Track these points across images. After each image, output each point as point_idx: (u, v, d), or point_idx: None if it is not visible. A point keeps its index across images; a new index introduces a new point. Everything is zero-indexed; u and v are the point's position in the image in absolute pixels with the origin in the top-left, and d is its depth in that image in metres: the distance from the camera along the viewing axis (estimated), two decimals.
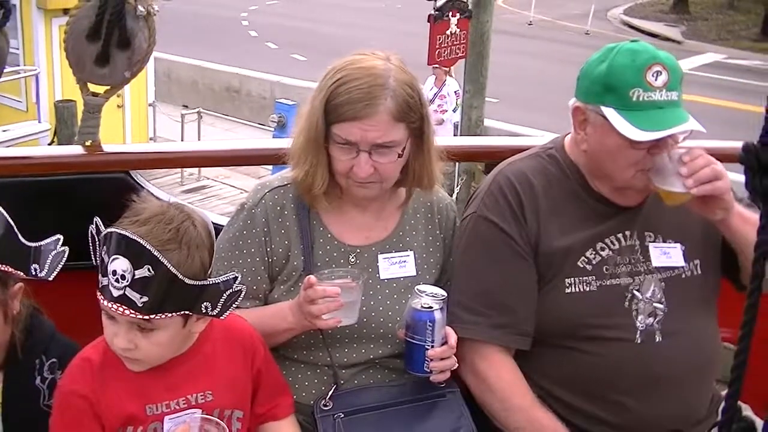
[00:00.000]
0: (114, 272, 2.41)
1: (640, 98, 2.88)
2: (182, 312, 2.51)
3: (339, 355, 3.06)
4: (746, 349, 1.30)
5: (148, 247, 2.40)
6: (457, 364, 2.99)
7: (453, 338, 2.95)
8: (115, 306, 2.43)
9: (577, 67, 3.11)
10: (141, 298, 2.42)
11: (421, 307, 2.90)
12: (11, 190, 3.30)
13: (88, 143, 3.68)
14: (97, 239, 2.50)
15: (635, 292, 3.05)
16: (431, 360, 2.92)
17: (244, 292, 2.57)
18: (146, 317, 2.45)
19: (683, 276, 3.12)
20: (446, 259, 3.25)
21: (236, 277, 2.55)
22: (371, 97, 2.88)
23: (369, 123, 2.88)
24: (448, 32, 14.43)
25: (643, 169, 2.95)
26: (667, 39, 33.89)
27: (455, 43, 14.62)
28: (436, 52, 14.44)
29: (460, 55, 14.90)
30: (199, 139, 19.38)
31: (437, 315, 2.89)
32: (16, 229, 2.68)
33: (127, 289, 2.41)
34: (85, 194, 3.40)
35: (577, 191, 3.12)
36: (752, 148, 1.25)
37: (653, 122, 2.87)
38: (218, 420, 2.57)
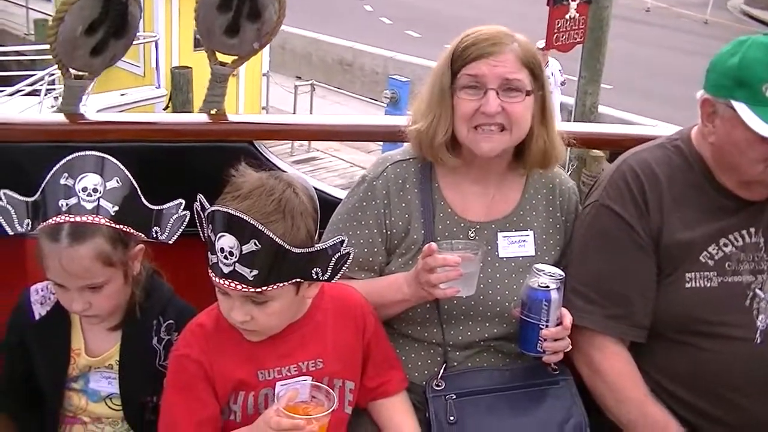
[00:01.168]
0: (222, 249, 2.45)
1: None
2: (293, 280, 2.53)
3: (453, 333, 3.05)
4: None
5: (251, 222, 2.43)
6: (570, 346, 2.96)
7: (568, 319, 2.91)
8: (227, 282, 2.47)
9: (693, 56, 3.08)
10: (251, 272, 2.45)
11: (538, 286, 2.87)
12: (137, 155, 3.35)
13: (213, 112, 3.73)
14: (203, 216, 2.53)
15: (757, 291, 2.98)
16: (545, 340, 2.89)
17: (352, 255, 2.58)
18: (258, 290, 2.48)
19: None
20: (566, 242, 3.22)
21: (343, 241, 2.56)
22: (498, 39, 2.95)
23: (496, 59, 2.92)
24: (567, 17, 14.33)
25: None
26: None
27: (573, 28, 14.51)
28: (554, 37, 14.34)
29: (578, 40, 14.80)
30: (311, 111, 19.52)
31: (554, 295, 2.86)
32: (139, 192, 2.74)
33: (237, 264, 2.44)
34: (209, 162, 3.43)
35: (702, 184, 3.06)
36: None
37: None
38: (328, 388, 2.59)
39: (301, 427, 2.43)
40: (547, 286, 2.86)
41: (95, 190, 2.67)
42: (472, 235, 3.10)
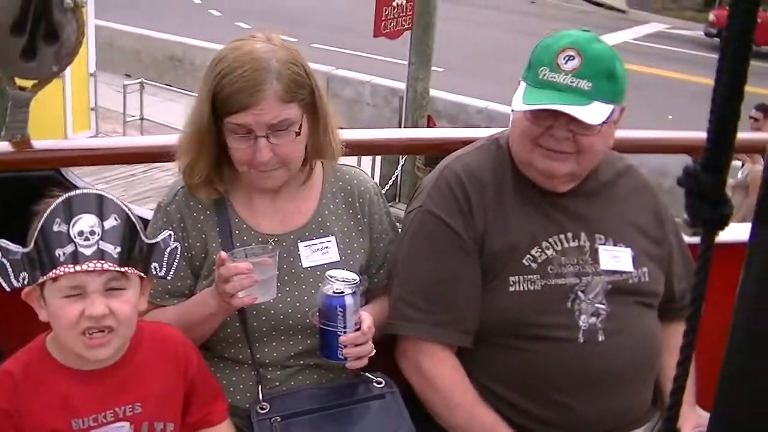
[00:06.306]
0: (81, 233, 2.39)
1: (545, 77, 2.88)
2: (141, 272, 2.50)
3: (267, 350, 3.01)
4: (685, 373, 1.22)
5: (109, 197, 2.46)
6: (374, 351, 2.94)
7: (366, 323, 2.89)
8: (92, 264, 2.37)
9: (518, 35, 3.09)
10: (115, 248, 2.42)
11: (333, 292, 2.84)
12: None
13: (16, 138, 3.57)
14: (7, 262, 2.40)
15: (579, 293, 3.00)
16: (345, 346, 2.87)
17: (179, 249, 2.62)
18: (122, 269, 2.42)
19: (630, 281, 3.08)
20: (371, 243, 3.20)
21: (171, 234, 2.60)
22: (256, 83, 2.82)
23: (260, 108, 2.82)
24: (394, 4, 14.42)
25: (541, 146, 2.94)
26: (612, 8, 34.02)
27: (401, 14, 14.63)
28: (382, 24, 14.41)
29: (406, 27, 14.91)
30: (141, 111, 19.19)
31: (348, 300, 2.83)
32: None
33: (101, 242, 2.40)
34: (12, 194, 3.29)
35: (518, 180, 3.08)
36: (692, 171, 1.18)
37: (540, 98, 2.87)
38: None
39: None
40: (342, 292, 2.83)
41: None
42: (271, 248, 3.03)
